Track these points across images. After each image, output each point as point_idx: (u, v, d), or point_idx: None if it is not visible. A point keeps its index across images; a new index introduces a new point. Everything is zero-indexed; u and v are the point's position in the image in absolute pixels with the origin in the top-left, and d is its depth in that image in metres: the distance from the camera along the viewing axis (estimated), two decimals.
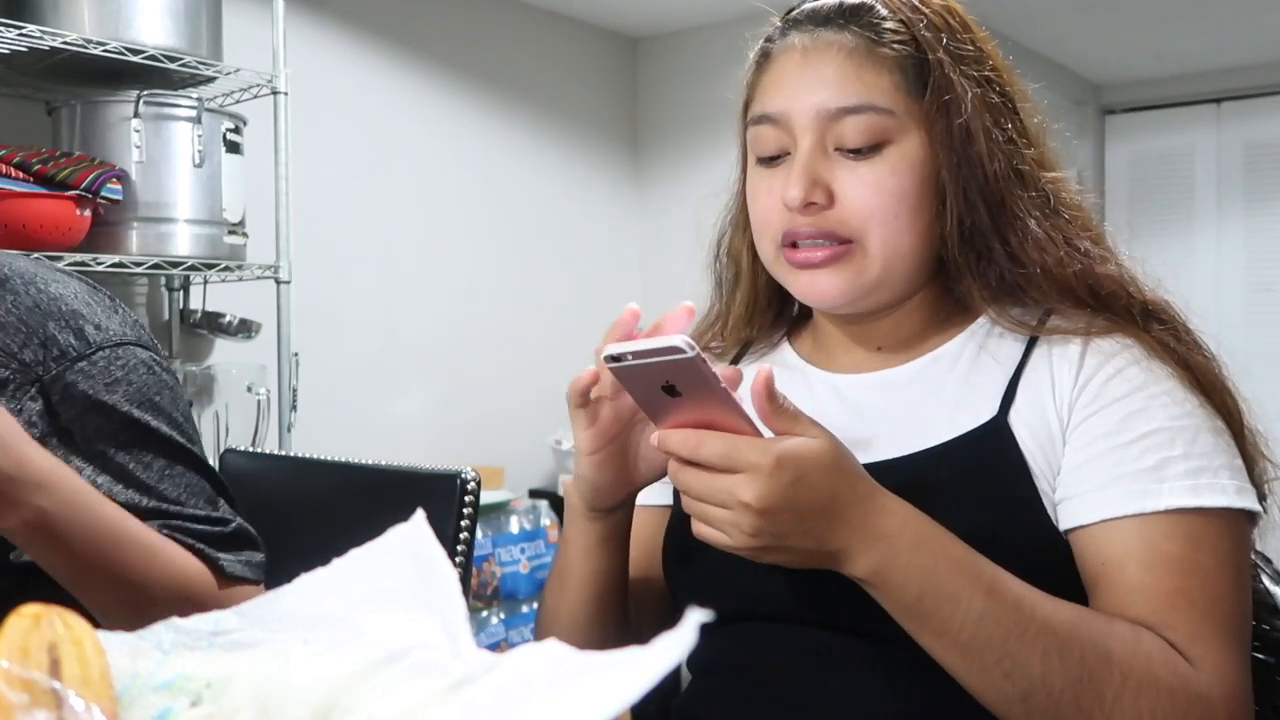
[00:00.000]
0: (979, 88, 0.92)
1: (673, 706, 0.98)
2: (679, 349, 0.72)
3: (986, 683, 0.77)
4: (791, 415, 0.77)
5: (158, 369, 1.05)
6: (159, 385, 1.04)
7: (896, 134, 0.90)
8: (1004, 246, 0.90)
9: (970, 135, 0.90)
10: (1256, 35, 4.23)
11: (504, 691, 0.51)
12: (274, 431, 2.49)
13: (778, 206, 0.92)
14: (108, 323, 1.04)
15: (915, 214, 0.90)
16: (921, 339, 0.97)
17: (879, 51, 0.90)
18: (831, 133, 0.90)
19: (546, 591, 1.00)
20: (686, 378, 0.74)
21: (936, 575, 0.77)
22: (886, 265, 0.91)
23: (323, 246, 2.95)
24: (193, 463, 1.04)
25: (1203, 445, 0.84)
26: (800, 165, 0.90)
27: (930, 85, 0.90)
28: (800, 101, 0.91)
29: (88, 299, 1.05)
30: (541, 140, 3.66)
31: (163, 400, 1.04)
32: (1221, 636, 0.80)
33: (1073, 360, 0.88)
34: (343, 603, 0.63)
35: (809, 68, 0.92)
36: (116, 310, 1.07)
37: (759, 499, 0.74)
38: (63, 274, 1.08)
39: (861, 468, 0.79)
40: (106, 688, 0.54)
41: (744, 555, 0.78)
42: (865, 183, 0.89)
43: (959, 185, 0.90)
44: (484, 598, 3.15)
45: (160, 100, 2.23)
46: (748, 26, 1.02)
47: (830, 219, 0.90)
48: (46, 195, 2.05)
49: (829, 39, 0.92)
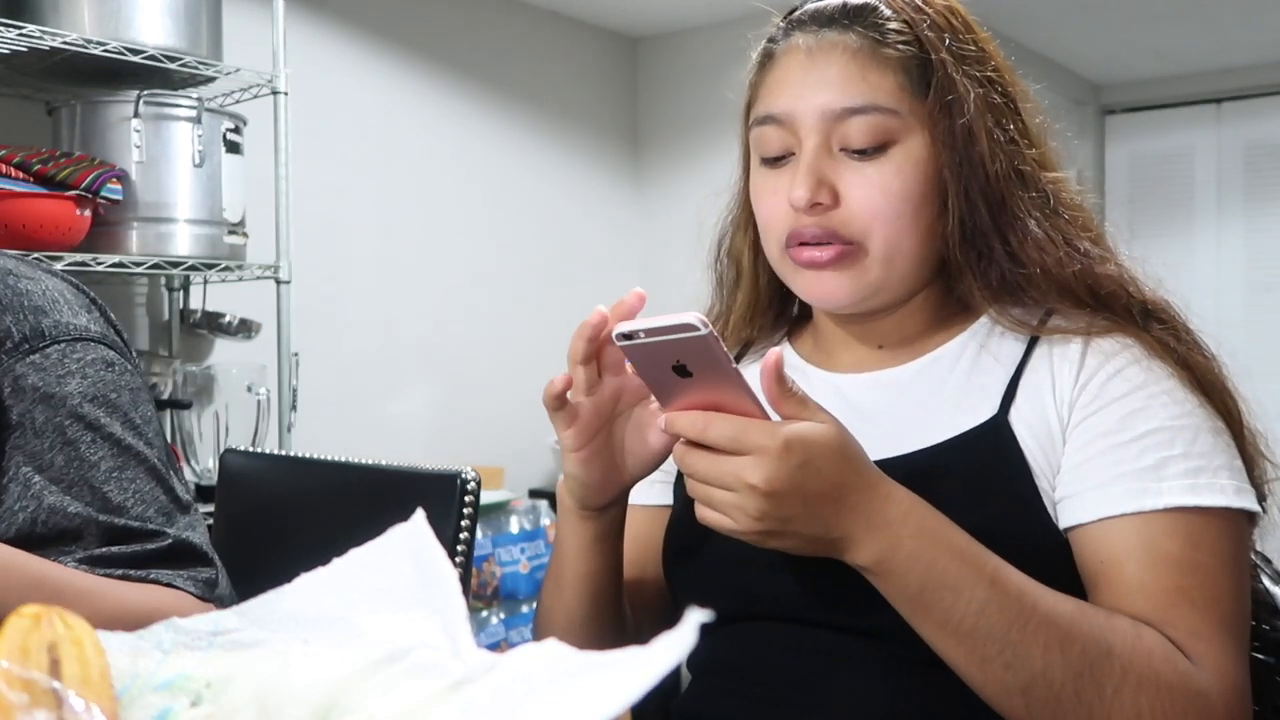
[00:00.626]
0: (981, 88, 0.92)
1: (673, 706, 0.98)
2: (693, 326, 0.71)
3: (987, 674, 0.77)
4: (800, 400, 0.77)
5: (120, 368, 1.01)
6: (118, 385, 1.00)
7: (901, 134, 0.90)
8: (1004, 246, 0.91)
9: (973, 135, 0.90)
10: (1256, 35, 4.23)
11: (504, 691, 0.51)
12: (274, 431, 2.49)
13: (783, 207, 0.92)
14: (73, 319, 1.00)
15: (918, 214, 0.90)
16: (923, 338, 0.97)
17: (883, 52, 0.91)
18: (836, 133, 0.90)
19: (543, 592, 1.00)
20: (698, 356, 0.73)
21: (939, 565, 0.77)
22: (888, 266, 0.91)
23: (323, 246, 2.95)
24: (146, 468, 0.99)
25: (1202, 445, 0.84)
26: (806, 166, 0.90)
27: (933, 85, 0.90)
28: (805, 102, 0.91)
29: (58, 295, 1.02)
30: (541, 140, 3.66)
31: (120, 400, 0.99)
32: (1221, 635, 0.80)
33: (1073, 360, 0.89)
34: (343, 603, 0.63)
35: (813, 68, 0.92)
36: (91, 309, 1.04)
37: (766, 481, 0.74)
38: (44, 272, 1.05)
39: (866, 455, 0.79)
40: (106, 688, 0.54)
41: (748, 540, 0.78)
42: (871, 184, 0.89)
43: (961, 185, 0.90)
44: (484, 598, 3.15)
45: (160, 100, 2.23)
46: (748, 26, 1.02)
47: (835, 219, 0.90)
48: (46, 195, 2.05)
49: (833, 39, 0.92)
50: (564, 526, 0.94)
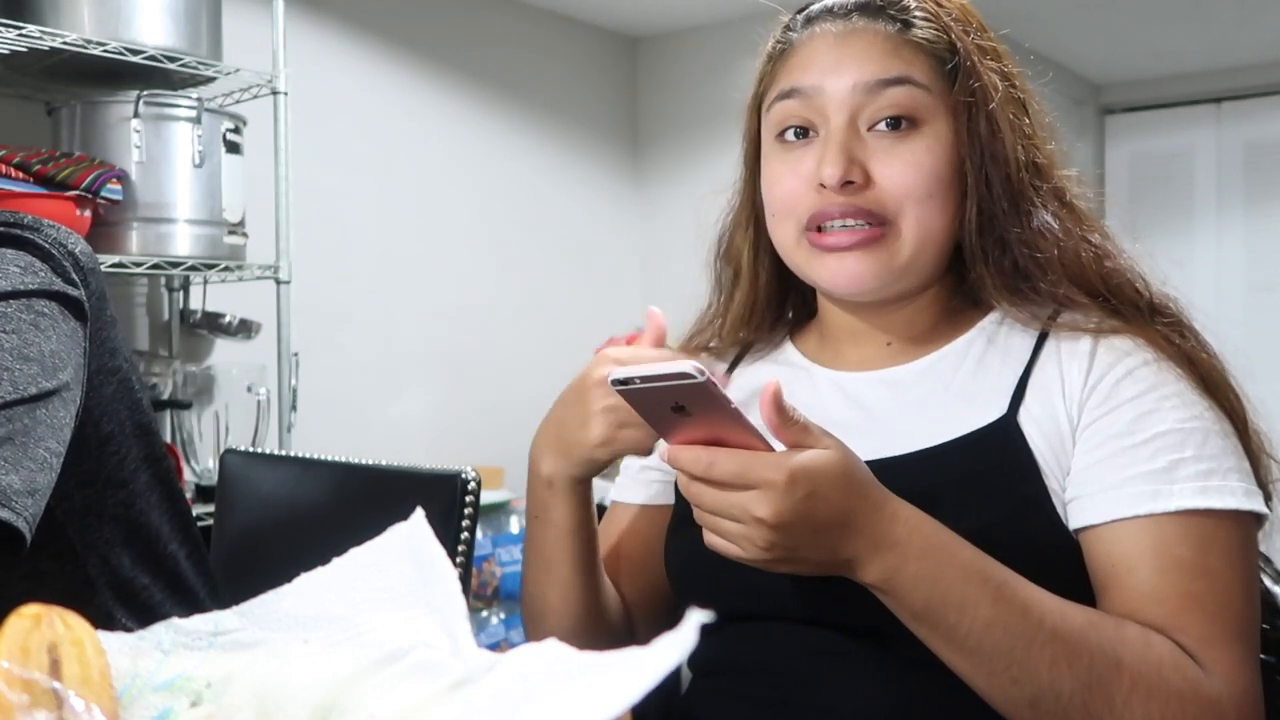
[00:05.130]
0: (1004, 81, 0.93)
1: (674, 707, 0.98)
2: (689, 374, 0.71)
3: (994, 687, 0.78)
4: (801, 427, 0.77)
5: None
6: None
7: (930, 114, 0.90)
8: (1020, 234, 0.91)
9: (995, 125, 0.91)
10: (1256, 35, 4.23)
11: (504, 691, 0.51)
12: (274, 431, 2.49)
13: (804, 188, 0.92)
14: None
15: (947, 197, 0.91)
16: (932, 335, 0.97)
17: (913, 34, 0.92)
18: (867, 110, 0.90)
19: (529, 580, 1.00)
20: (697, 401, 0.73)
21: (944, 582, 0.77)
22: (919, 247, 0.91)
23: (323, 246, 2.94)
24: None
25: (1212, 448, 0.84)
26: (836, 143, 0.90)
27: (960, 73, 0.91)
28: (837, 77, 0.91)
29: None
30: (541, 140, 3.66)
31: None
32: (1231, 640, 0.80)
33: (1083, 359, 0.88)
34: (343, 602, 0.63)
35: (846, 46, 0.92)
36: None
37: (774, 515, 0.74)
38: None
39: (871, 475, 0.79)
40: (107, 688, 0.54)
41: (757, 566, 0.78)
42: (905, 161, 0.89)
43: (982, 173, 0.91)
44: (484, 598, 3.15)
45: (160, 100, 2.23)
46: (749, 26, 1.02)
47: (868, 198, 0.90)
48: (46, 195, 2.04)
49: (863, 24, 0.93)
50: (550, 513, 0.95)
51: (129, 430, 1.04)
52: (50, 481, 0.87)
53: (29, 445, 0.86)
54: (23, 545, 0.82)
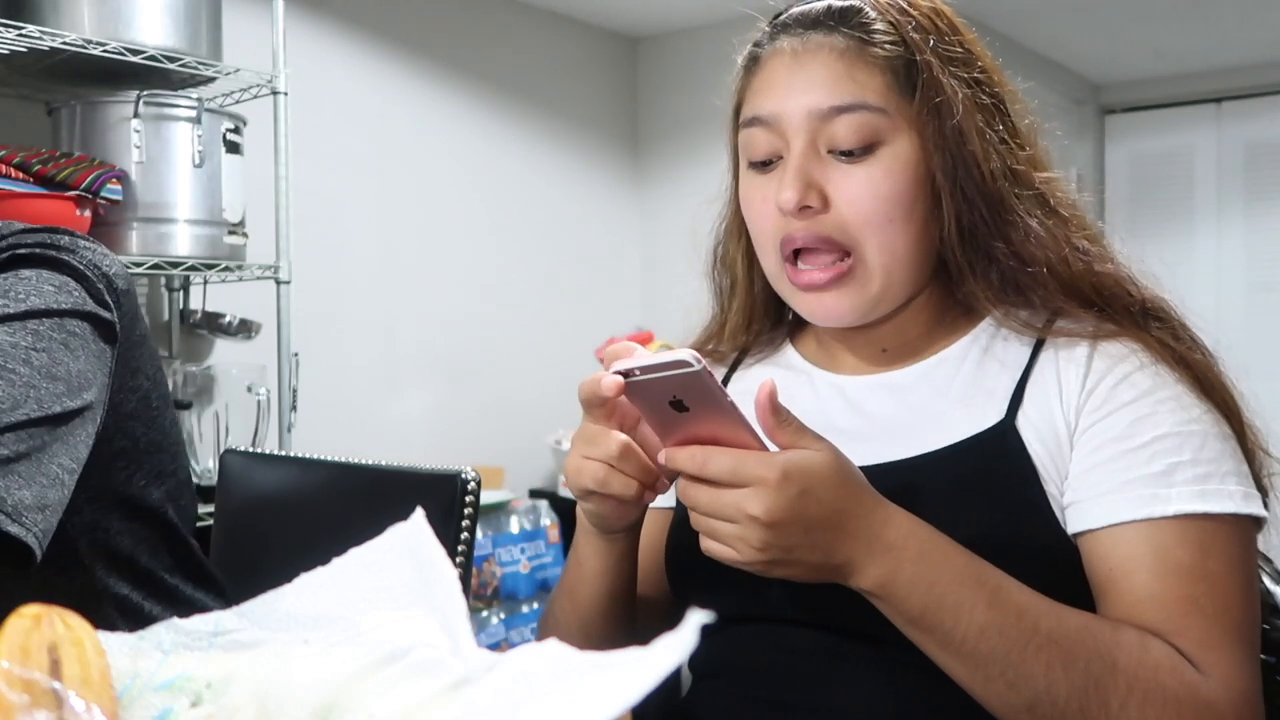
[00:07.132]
0: (969, 89, 0.91)
1: (674, 707, 0.98)
2: (686, 363, 0.73)
3: (991, 692, 0.78)
4: (796, 429, 0.77)
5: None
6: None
7: (889, 134, 0.89)
8: (1007, 245, 0.90)
9: (963, 136, 0.90)
10: (1256, 35, 4.23)
11: (504, 691, 0.51)
12: (274, 431, 2.49)
13: (773, 212, 0.92)
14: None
15: (909, 217, 0.90)
16: (926, 342, 0.97)
17: (869, 52, 0.90)
18: (824, 134, 0.90)
19: (554, 604, 1.00)
20: (693, 392, 0.74)
21: (939, 588, 0.77)
22: (886, 273, 0.91)
23: (323, 246, 2.95)
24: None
25: (1210, 451, 0.84)
26: (794, 168, 0.90)
27: (920, 86, 0.90)
28: (791, 103, 0.91)
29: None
30: (541, 140, 3.66)
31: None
32: (1231, 643, 0.80)
33: (1080, 364, 0.88)
34: (343, 602, 0.63)
35: (800, 69, 0.91)
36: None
37: (766, 512, 0.74)
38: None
39: (865, 479, 0.79)
40: (107, 688, 0.54)
41: (752, 570, 0.78)
42: (859, 185, 0.89)
43: (955, 186, 0.90)
44: (484, 598, 3.15)
45: (160, 100, 2.23)
46: (748, 27, 1.02)
47: (826, 224, 0.90)
48: (46, 195, 2.05)
49: (819, 41, 0.91)
50: (584, 547, 0.94)
51: (141, 447, 1.04)
52: (63, 498, 0.88)
53: (44, 461, 0.87)
54: (33, 560, 0.83)
